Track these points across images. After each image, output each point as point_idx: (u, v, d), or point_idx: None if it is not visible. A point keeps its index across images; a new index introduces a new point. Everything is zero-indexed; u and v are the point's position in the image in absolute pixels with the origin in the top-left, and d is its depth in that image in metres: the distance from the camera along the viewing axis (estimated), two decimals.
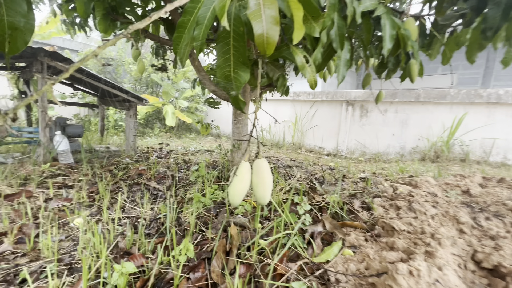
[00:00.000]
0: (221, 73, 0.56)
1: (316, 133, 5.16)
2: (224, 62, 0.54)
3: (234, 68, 0.55)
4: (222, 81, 0.57)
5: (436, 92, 3.73)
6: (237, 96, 0.59)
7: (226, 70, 0.55)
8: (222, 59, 0.54)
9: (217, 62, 0.55)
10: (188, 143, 4.79)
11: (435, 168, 3.10)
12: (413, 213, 1.22)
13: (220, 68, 0.55)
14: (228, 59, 0.54)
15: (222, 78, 0.56)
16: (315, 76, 0.64)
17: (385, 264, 0.85)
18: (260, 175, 0.77)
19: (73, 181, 1.97)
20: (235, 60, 0.53)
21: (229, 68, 0.55)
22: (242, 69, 0.54)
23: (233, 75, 0.55)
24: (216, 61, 0.54)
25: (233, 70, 0.55)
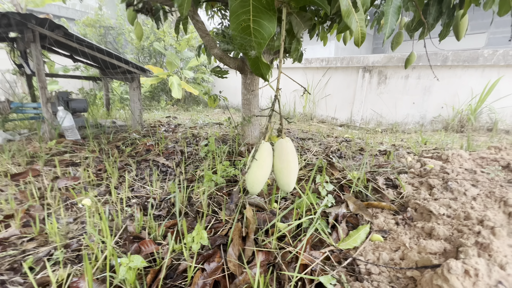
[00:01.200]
0: (236, 24, 0.39)
1: (329, 102, 4.89)
2: (240, 6, 0.37)
3: (255, 16, 0.38)
4: (237, 36, 0.41)
5: (467, 54, 3.34)
6: (258, 58, 0.43)
7: (243, 18, 0.38)
8: (238, 2, 0.37)
9: (230, 6, 0.38)
10: (196, 116, 4.66)
11: (460, 138, 2.89)
12: (450, 193, 1.09)
13: (234, 15, 0.38)
14: (246, 1, 0.37)
15: (237, 31, 0.40)
16: (363, 27, 0.46)
17: (427, 256, 0.74)
18: (284, 159, 0.63)
19: (80, 159, 1.91)
20: (256, 3, 0.36)
21: (247, 15, 0.38)
22: (267, 16, 0.37)
23: (253, 26, 0.39)
24: (230, 5, 0.38)
25: (253, 19, 0.38)
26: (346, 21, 0.46)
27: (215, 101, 2.45)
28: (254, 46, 0.41)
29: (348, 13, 0.45)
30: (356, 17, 0.45)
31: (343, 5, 0.44)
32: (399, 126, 4.06)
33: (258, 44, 0.40)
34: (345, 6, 0.44)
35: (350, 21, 0.46)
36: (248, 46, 0.41)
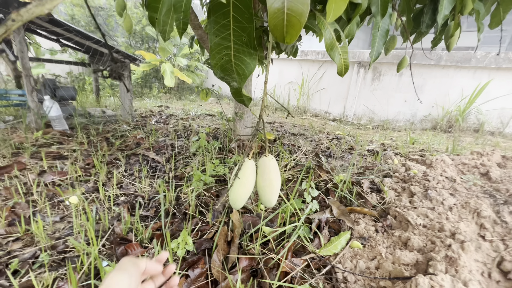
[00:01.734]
0: (217, 58, 0.39)
1: (323, 96, 4.89)
2: (220, 43, 0.37)
3: (236, 51, 0.38)
4: (218, 70, 0.40)
5: (460, 55, 3.36)
6: (239, 89, 0.43)
7: (224, 53, 0.38)
8: (218, 39, 0.37)
9: (210, 42, 0.37)
10: (188, 106, 4.60)
11: (447, 139, 2.96)
12: (429, 202, 1.13)
13: (215, 51, 0.38)
14: (227, 39, 0.36)
15: (218, 67, 0.40)
16: (347, 59, 0.46)
17: (400, 267, 0.78)
18: (266, 177, 0.65)
19: (68, 151, 1.88)
20: (237, 40, 0.36)
21: (228, 51, 0.38)
22: (248, 53, 0.37)
23: (235, 61, 0.38)
24: (209, 41, 0.37)
25: (234, 55, 0.38)
26: (329, 54, 0.46)
27: (207, 95, 2.42)
28: (236, 79, 0.41)
29: (332, 46, 0.45)
30: (340, 50, 0.46)
31: (326, 38, 0.44)
32: (390, 123, 4.12)
33: (240, 78, 0.40)
34: (329, 40, 0.44)
35: (333, 54, 0.46)
36: (230, 79, 0.41)
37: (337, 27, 0.43)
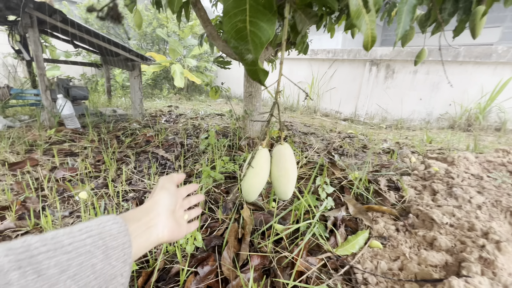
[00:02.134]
0: (230, 25, 0.35)
1: (333, 96, 4.80)
2: (235, 6, 0.33)
3: (252, 17, 0.33)
4: (232, 39, 0.36)
5: (480, 50, 3.21)
6: (255, 62, 0.38)
7: (238, 19, 0.34)
8: (232, 1, 0.33)
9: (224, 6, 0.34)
10: (198, 106, 4.61)
11: (467, 138, 2.82)
12: (454, 200, 1.05)
13: (228, 16, 0.34)
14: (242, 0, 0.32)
15: (232, 33, 0.36)
16: (374, 30, 0.41)
17: (427, 268, 0.71)
18: (282, 166, 0.60)
19: (79, 148, 1.90)
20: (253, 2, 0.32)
21: (243, 16, 0.34)
22: (266, 18, 0.33)
23: (250, 28, 0.34)
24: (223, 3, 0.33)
25: (250, 20, 0.34)
26: (355, 23, 0.41)
27: (216, 92, 2.40)
28: (251, 50, 0.37)
29: (358, 15, 0.40)
30: (367, 18, 0.41)
31: (352, 5, 0.39)
32: (404, 123, 3.98)
33: (255, 48, 0.36)
34: (355, 6, 0.39)
35: (359, 23, 0.41)
36: (244, 50, 0.37)
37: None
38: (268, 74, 0.42)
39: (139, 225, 0.36)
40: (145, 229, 0.37)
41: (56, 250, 0.25)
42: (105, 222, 0.31)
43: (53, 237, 0.26)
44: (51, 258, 0.24)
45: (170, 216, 0.42)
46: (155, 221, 0.39)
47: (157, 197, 0.42)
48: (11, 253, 0.23)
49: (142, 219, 0.37)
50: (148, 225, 0.37)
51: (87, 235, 0.28)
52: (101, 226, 0.30)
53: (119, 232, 0.31)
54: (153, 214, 0.39)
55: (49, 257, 0.24)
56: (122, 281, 0.29)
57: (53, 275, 0.23)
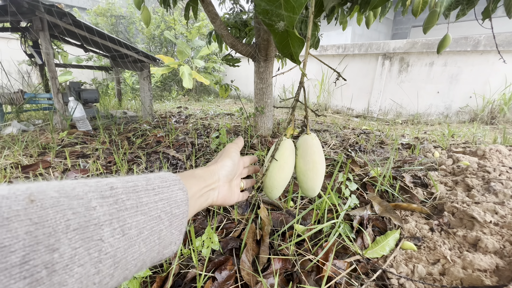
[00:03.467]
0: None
1: (344, 92, 4.67)
2: None
3: None
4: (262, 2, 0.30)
5: (502, 38, 3.02)
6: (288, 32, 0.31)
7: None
8: None
9: None
10: (207, 106, 4.59)
11: (492, 131, 2.66)
12: (494, 196, 0.95)
13: None
14: None
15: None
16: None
17: (475, 273, 0.62)
18: (309, 159, 0.53)
19: (91, 150, 1.88)
20: None
21: None
22: None
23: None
24: None
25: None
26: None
27: (226, 91, 2.35)
28: (283, 16, 0.30)
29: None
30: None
31: None
32: (420, 117, 3.82)
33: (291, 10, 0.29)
34: None
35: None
36: (275, 16, 0.30)
37: None
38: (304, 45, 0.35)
39: (203, 187, 0.38)
40: (206, 191, 0.39)
41: (138, 209, 0.25)
42: (173, 185, 0.31)
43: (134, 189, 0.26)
44: (132, 217, 0.25)
45: (227, 183, 0.46)
46: (216, 185, 0.42)
47: (222, 162, 0.45)
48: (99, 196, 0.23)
49: (207, 180, 0.40)
50: (209, 188, 0.40)
51: (159, 197, 0.29)
52: (170, 190, 0.30)
53: (183, 200, 0.32)
54: (216, 178, 0.42)
55: (131, 216, 0.25)
56: (174, 249, 0.31)
57: (132, 236, 0.24)
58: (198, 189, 0.37)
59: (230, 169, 0.45)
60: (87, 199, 0.22)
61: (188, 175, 0.38)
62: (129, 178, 0.27)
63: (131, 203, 0.25)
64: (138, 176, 0.29)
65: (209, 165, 0.45)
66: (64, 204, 0.20)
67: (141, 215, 0.25)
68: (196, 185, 0.37)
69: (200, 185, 0.38)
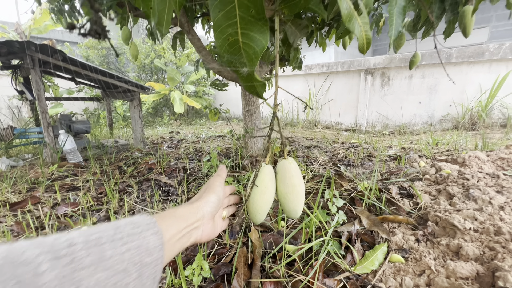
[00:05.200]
0: (222, 39, 0.33)
1: (332, 108, 4.82)
2: (225, 18, 0.32)
3: (243, 29, 0.32)
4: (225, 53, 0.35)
5: (472, 50, 3.25)
6: (251, 75, 0.37)
7: (229, 32, 0.33)
8: (222, 14, 0.32)
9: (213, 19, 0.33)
10: (198, 130, 4.64)
11: (474, 137, 2.76)
12: (473, 203, 0.99)
13: (219, 30, 0.33)
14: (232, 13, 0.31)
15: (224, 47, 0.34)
16: (368, 31, 0.40)
17: (458, 282, 0.65)
18: (288, 182, 0.56)
19: (81, 182, 1.87)
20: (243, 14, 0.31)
21: (234, 28, 0.33)
22: (257, 28, 0.32)
23: (242, 40, 0.33)
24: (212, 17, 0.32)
25: (242, 32, 0.33)
26: (348, 26, 0.40)
27: (215, 114, 2.41)
28: (245, 63, 0.35)
29: (350, 17, 0.39)
30: (359, 20, 0.39)
31: (343, 8, 0.38)
32: (406, 127, 3.95)
33: (250, 60, 0.34)
34: (346, 10, 0.38)
35: (352, 26, 0.40)
36: (238, 63, 0.35)
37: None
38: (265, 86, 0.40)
39: (184, 227, 0.37)
40: (189, 231, 0.38)
41: (99, 265, 0.24)
42: (146, 231, 0.29)
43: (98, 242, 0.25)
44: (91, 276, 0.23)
45: (211, 219, 0.44)
46: (199, 223, 0.40)
47: (206, 198, 0.44)
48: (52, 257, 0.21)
49: (190, 219, 0.38)
50: (192, 227, 0.39)
51: (127, 247, 0.26)
52: (142, 237, 0.29)
53: (156, 246, 0.30)
54: (200, 215, 0.41)
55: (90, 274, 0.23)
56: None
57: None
58: (177, 230, 0.35)
59: (215, 204, 0.44)
60: (35, 264, 0.20)
61: (168, 215, 0.36)
62: (95, 230, 0.26)
63: (91, 259, 0.23)
64: (108, 224, 0.28)
65: (193, 201, 0.43)
66: (6, 273, 0.19)
67: (102, 271, 0.23)
68: (175, 225, 0.35)
69: (181, 225, 0.36)
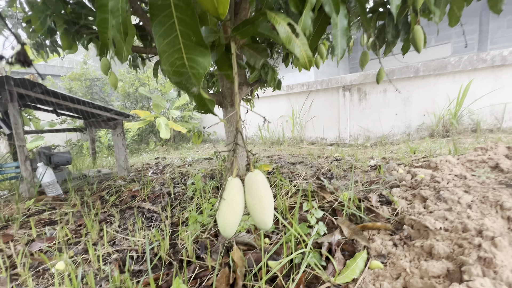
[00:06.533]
0: (169, 64, 0.38)
1: (315, 124, 4.97)
2: (170, 45, 0.36)
3: (187, 53, 0.37)
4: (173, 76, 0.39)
5: (436, 64, 3.53)
6: (200, 95, 0.41)
7: (175, 57, 0.37)
8: (166, 42, 0.36)
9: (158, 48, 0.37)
10: (185, 154, 4.62)
11: (448, 143, 2.91)
12: (444, 204, 1.04)
13: (166, 56, 0.37)
14: (175, 41, 0.36)
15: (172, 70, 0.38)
16: (307, 51, 0.45)
17: (430, 281, 0.66)
18: (255, 194, 0.58)
19: (60, 215, 1.80)
20: (185, 41, 0.36)
21: (179, 53, 0.37)
22: (199, 52, 0.36)
23: (188, 64, 0.37)
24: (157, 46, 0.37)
25: (186, 56, 0.37)
26: (288, 48, 0.45)
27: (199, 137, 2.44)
28: (194, 83, 0.39)
29: (289, 40, 0.44)
30: (298, 42, 0.45)
31: (281, 32, 0.43)
32: (387, 138, 4.10)
33: (197, 80, 0.39)
34: (284, 34, 0.44)
35: (292, 47, 0.45)
36: (187, 84, 0.39)
37: (290, 21, 0.44)
38: (213, 103, 0.44)
39: None
40: None
41: None
42: None
43: None
44: None
45: None
46: None
47: None
48: None
49: None
50: None
51: None
52: None
53: None
54: None
55: None
56: None
57: None
58: None
59: None
60: None
61: None
62: None
63: None
64: None
65: None
66: None
67: None
68: None
69: None
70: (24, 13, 2.43)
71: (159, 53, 0.38)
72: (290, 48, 0.45)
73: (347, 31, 0.62)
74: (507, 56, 3.06)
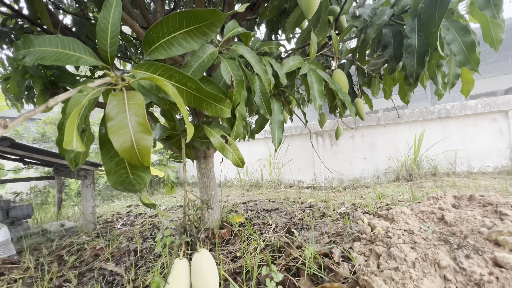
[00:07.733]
0: (115, 179, 0.46)
1: (292, 167, 5.13)
2: (117, 165, 0.45)
3: (131, 170, 0.45)
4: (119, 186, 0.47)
5: (393, 114, 3.96)
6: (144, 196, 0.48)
7: (121, 173, 0.46)
8: (113, 163, 0.45)
9: (106, 168, 0.45)
10: (160, 200, 4.47)
11: (410, 188, 3.12)
12: (393, 261, 1.11)
13: (113, 173, 0.45)
14: (121, 162, 0.45)
15: (118, 184, 0.46)
16: (239, 154, 0.56)
17: None
18: (199, 276, 0.63)
19: (7, 283, 1.63)
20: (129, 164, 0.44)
21: (125, 170, 0.46)
22: (141, 169, 0.45)
23: (133, 177, 0.46)
24: (105, 167, 0.45)
25: (131, 172, 0.46)
26: (222, 153, 0.56)
27: (172, 188, 2.44)
28: (137, 188, 0.47)
29: (223, 148, 0.55)
30: (230, 149, 0.56)
31: (215, 143, 0.54)
32: (358, 181, 4.30)
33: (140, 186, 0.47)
34: (218, 143, 0.55)
35: (226, 153, 0.55)
36: (131, 189, 0.47)
37: (224, 133, 0.55)
38: (155, 205, 0.51)
39: None
40: None
41: None
42: None
43: None
44: None
45: None
46: None
47: None
48: None
49: None
50: None
51: None
52: None
53: None
54: None
55: None
56: None
57: None
58: None
59: None
60: None
61: None
62: None
63: None
64: None
65: None
66: None
67: None
68: None
69: None
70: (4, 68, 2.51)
71: (106, 172, 0.46)
72: (224, 153, 0.55)
73: (322, 93, 0.75)
74: (450, 110, 3.53)
